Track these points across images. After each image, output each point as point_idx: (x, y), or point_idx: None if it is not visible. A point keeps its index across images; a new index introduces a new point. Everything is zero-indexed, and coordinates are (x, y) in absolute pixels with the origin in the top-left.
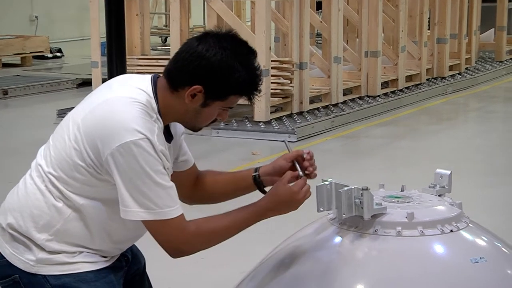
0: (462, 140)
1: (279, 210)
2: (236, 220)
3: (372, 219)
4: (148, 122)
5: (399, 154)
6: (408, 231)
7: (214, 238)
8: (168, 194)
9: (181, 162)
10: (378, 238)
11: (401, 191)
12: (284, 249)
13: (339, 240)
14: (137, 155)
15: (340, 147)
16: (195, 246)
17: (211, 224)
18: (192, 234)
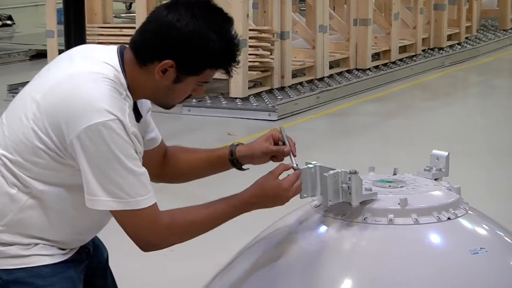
0: (461, 118)
1: (264, 205)
2: (216, 213)
3: (361, 206)
4: (118, 101)
5: (392, 134)
6: (401, 219)
7: (190, 231)
8: (140, 181)
9: (148, 141)
10: (367, 227)
11: (393, 174)
12: (263, 240)
13: (324, 229)
14: (107, 138)
15: (326, 126)
16: (169, 239)
17: (188, 216)
18: (166, 226)
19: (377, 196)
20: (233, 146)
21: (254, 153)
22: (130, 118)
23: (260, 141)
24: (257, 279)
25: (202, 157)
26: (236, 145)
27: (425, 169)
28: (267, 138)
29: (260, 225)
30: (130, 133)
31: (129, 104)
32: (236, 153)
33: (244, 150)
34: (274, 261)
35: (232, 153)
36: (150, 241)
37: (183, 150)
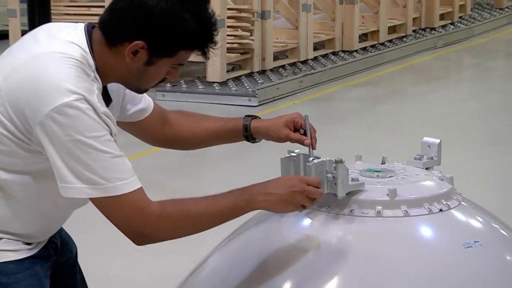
0: (455, 103)
1: (276, 201)
2: (218, 205)
3: (348, 198)
4: (84, 81)
5: (380, 120)
6: (389, 211)
7: (186, 223)
8: (117, 164)
9: (137, 112)
10: (354, 219)
11: (382, 163)
12: (242, 235)
13: (308, 222)
14: (74, 120)
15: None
16: (161, 231)
17: (183, 205)
18: (156, 215)
19: (365, 186)
20: (247, 120)
21: (270, 135)
22: (99, 99)
23: (279, 125)
24: (236, 276)
25: (210, 127)
26: (250, 119)
27: (416, 158)
28: (287, 122)
29: (239, 219)
30: (101, 113)
31: (97, 86)
32: (251, 130)
33: (260, 130)
34: (254, 257)
35: (246, 128)
36: (140, 232)
37: (188, 116)
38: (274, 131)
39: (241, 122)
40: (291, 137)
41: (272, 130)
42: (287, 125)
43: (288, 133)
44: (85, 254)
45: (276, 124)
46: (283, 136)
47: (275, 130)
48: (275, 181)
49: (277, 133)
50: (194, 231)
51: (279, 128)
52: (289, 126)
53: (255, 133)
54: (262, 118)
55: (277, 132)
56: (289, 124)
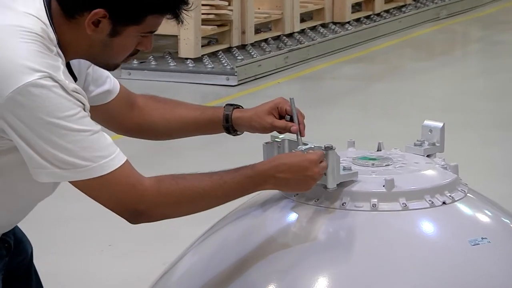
0: (460, 82)
1: (285, 182)
2: (221, 182)
3: (339, 189)
4: (48, 57)
5: (376, 102)
6: (386, 204)
7: (186, 202)
8: (97, 141)
9: (102, 94)
10: (346, 214)
11: (378, 150)
12: (220, 232)
13: (294, 217)
14: (42, 100)
15: (297, 93)
16: (158, 207)
17: (183, 182)
18: (152, 190)
19: (358, 176)
20: (228, 110)
21: (254, 125)
22: (66, 75)
23: (263, 113)
24: (212, 279)
25: (185, 116)
26: (232, 109)
27: (416, 144)
28: (271, 109)
29: (215, 215)
30: (70, 90)
31: (62, 61)
32: (232, 121)
33: (242, 121)
34: (233, 257)
35: (227, 119)
36: (135, 209)
37: (160, 102)
38: (257, 120)
39: (222, 112)
40: (276, 125)
41: (254, 120)
42: (271, 112)
43: (273, 121)
44: (42, 254)
45: (259, 112)
46: (267, 124)
47: (257, 119)
48: (286, 162)
49: (261, 122)
50: (194, 211)
51: (262, 117)
52: (273, 113)
53: (237, 124)
54: (245, 108)
55: (260, 122)
56: (272, 111)
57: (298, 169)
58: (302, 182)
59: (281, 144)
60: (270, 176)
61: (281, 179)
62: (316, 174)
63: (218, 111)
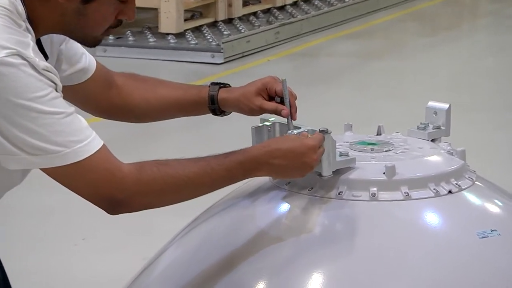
0: (467, 60)
1: (279, 168)
2: (209, 168)
3: (335, 177)
4: (15, 33)
5: (376, 81)
6: (387, 193)
7: (170, 190)
8: (71, 124)
9: (77, 73)
10: (343, 204)
11: (377, 134)
12: (205, 224)
13: (286, 208)
14: (9, 80)
15: (289, 72)
16: (138, 196)
17: (166, 169)
18: (132, 178)
19: (356, 163)
20: (213, 90)
21: (241, 107)
22: (36, 53)
23: (250, 94)
24: (197, 275)
25: (167, 96)
26: (218, 89)
27: (419, 127)
28: (259, 90)
29: (200, 205)
30: (40, 68)
31: (31, 37)
32: (218, 102)
33: (229, 102)
34: (220, 251)
35: (212, 100)
36: (113, 198)
37: (140, 81)
38: (244, 102)
39: (207, 92)
40: (265, 107)
41: (242, 101)
42: (259, 93)
43: (261, 103)
44: (10, 249)
45: (246, 93)
46: (256, 107)
47: (245, 100)
48: (281, 147)
49: (248, 104)
50: (178, 200)
51: (250, 98)
52: (261, 94)
53: (224, 105)
54: (232, 87)
55: (247, 103)
56: (261, 91)
57: (294, 156)
58: (297, 169)
59: (271, 127)
60: (263, 163)
61: (275, 165)
62: (314, 161)
63: (203, 91)
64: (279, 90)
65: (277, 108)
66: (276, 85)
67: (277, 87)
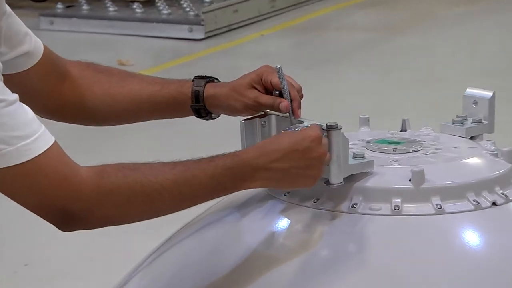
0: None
1: (279, 175)
2: (189, 181)
3: (347, 185)
4: None
5: (398, 62)
6: (414, 205)
7: (136, 200)
8: (13, 115)
9: (20, 58)
10: (358, 220)
11: (402, 130)
12: (180, 246)
13: (285, 225)
14: None
15: (289, 50)
16: (98, 209)
17: (135, 176)
18: (89, 185)
19: (374, 167)
20: (198, 85)
21: (232, 104)
22: None
23: (243, 87)
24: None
25: (138, 93)
26: (204, 83)
27: (455, 121)
28: (252, 82)
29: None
30: None
31: None
32: (205, 101)
33: (217, 99)
34: (199, 282)
35: (197, 97)
36: (68, 210)
37: (102, 72)
38: (235, 97)
39: (190, 87)
40: (261, 100)
41: (232, 96)
42: (253, 86)
43: (257, 96)
44: None
45: (238, 86)
46: (250, 101)
47: (236, 95)
48: (280, 146)
49: (241, 99)
50: (149, 215)
51: (243, 91)
52: (256, 87)
53: (211, 104)
54: (221, 82)
55: (240, 98)
56: (255, 84)
57: (299, 154)
58: (306, 170)
59: (266, 121)
60: (260, 168)
61: (276, 170)
62: (323, 156)
63: (185, 86)
64: (277, 81)
65: (275, 102)
66: (273, 76)
67: (273, 78)
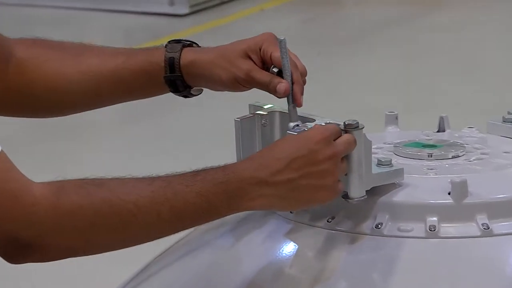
0: None
1: (289, 191)
2: (170, 200)
3: (371, 200)
4: None
5: (434, 44)
6: (454, 225)
7: (105, 224)
8: None
9: None
10: (384, 244)
11: (439, 131)
12: (158, 278)
13: (292, 250)
14: None
15: (296, 29)
16: (56, 235)
17: (99, 192)
18: (45, 206)
19: (404, 177)
20: (173, 50)
21: (217, 75)
22: None
23: (234, 54)
24: None
25: (97, 68)
26: (180, 48)
27: (506, 119)
28: (249, 50)
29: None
30: None
31: None
32: (182, 69)
33: (199, 65)
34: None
35: (172, 65)
36: (18, 237)
37: (52, 48)
38: (222, 65)
39: (161, 54)
40: (254, 75)
41: (219, 64)
42: (248, 54)
43: (250, 68)
44: None
45: (228, 53)
46: (241, 73)
47: (224, 63)
48: (284, 154)
49: (229, 69)
50: (121, 243)
51: (233, 60)
52: (251, 57)
53: (190, 73)
54: (204, 47)
55: (228, 67)
56: (251, 52)
57: (305, 160)
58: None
59: (267, 119)
60: (260, 182)
61: (281, 184)
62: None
63: (156, 54)
64: (278, 55)
65: (271, 81)
66: (275, 48)
67: (275, 50)
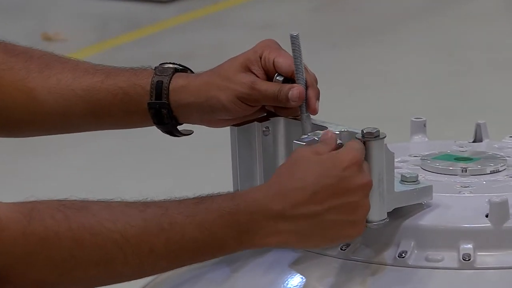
0: None
1: (299, 240)
2: (164, 225)
3: (393, 223)
4: None
5: (466, 37)
6: (492, 254)
7: (85, 256)
8: None
9: None
10: (408, 276)
11: (475, 141)
12: None
13: (299, 283)
14: None
15: (305, 18)
16: (27, 266)
17: (79, 217)
18: (13, 233)
19: (432, 196)
20: (163, 74)
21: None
22: None
23: (233, 70)
24: None
25: (69, 88)
26: (171, 73)
27: None
28: (247, 61)
29: None
30: None
31: None
32: (171, 96)
33: (190, 89)
34: None
35: (159, 91)
36: None
37: (17, 57)
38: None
39: (150, 76)
40: (260, 88)
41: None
42: (247, 67)
43: (253, 80)
44: None
45: (223, 71)
46: (243, 87)
47: (221, 82)
48: (304, 183)
49: (229, 87)
50: (104, 279)
51: (231, 76)
52: (252, 70)
53: (179, 102)
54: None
55: (227, 85)
56: (251, 64)
57: (334, 190)
58: (349, 217)
59: (270, 127)
60: (277, 215)
61: (302, 219)
62: (367, 186)
63: (141, 75)
64: (284, 62)
65: (281, 90)
66: (278, 54)
67: (278, 56)
